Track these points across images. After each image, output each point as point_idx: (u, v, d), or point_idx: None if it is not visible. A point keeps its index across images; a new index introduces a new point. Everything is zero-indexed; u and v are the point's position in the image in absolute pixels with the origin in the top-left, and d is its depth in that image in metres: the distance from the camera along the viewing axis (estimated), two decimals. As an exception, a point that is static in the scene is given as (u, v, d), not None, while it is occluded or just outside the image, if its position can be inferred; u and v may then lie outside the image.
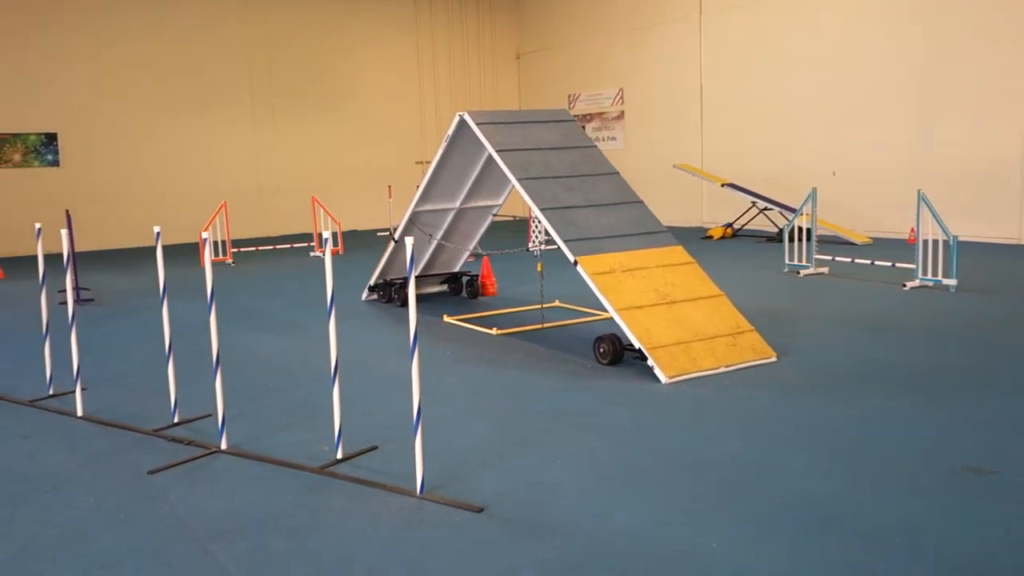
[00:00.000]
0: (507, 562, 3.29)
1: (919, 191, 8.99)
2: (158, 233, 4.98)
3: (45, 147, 15.79)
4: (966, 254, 10.08)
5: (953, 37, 12.72)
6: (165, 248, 5.12)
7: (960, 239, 8.91)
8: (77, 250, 10.28)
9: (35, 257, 5.66)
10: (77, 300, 9.20)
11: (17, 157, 15.57)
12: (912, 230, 11.78)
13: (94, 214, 15.57)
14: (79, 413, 5.30)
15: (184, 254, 13.48)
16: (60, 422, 5.25)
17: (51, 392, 5.78)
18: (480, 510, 3.75)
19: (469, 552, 3.37)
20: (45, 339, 5.79)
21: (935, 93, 13.01)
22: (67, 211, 9.46)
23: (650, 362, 5.79)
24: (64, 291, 5.78)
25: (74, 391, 5.37)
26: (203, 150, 17.09)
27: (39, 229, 5.65)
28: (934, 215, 8.71)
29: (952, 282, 8.72)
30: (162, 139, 16.69)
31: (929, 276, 8.95)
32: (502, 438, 4.72)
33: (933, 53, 12.95)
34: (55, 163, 15.88)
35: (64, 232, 5.47)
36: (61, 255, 5.61)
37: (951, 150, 12.85)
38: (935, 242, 8.88)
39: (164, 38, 16.58)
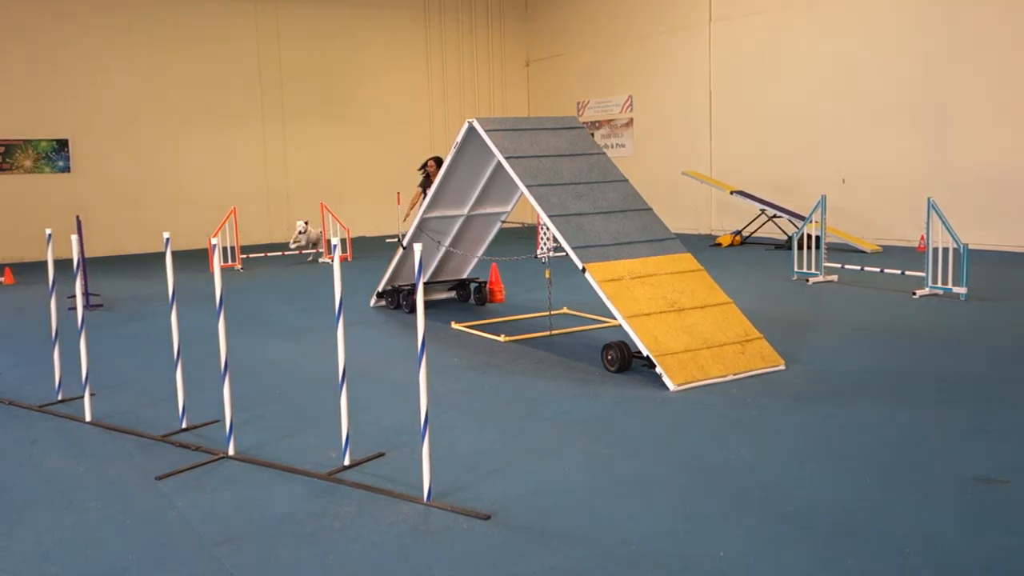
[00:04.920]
0: (514, 570, 3.27)
1: (929, 199, 8.95)
2: (167, 239, 4.99)
3: (56, 153, 15.89)
4: (977, 262, 10.03)
5: (963, 45, 12.67)
6: (174, 254, 5.13)
7: (971, 247, 8.86)
8: (87, 256, 10.33)
9: (45, 263, 5.68)
10: (87, 305, 9.24)
11: (28, 163, 15.67)
12: (922, 238, 11.73)
13: (104, 220, 15.65)
14: (87, 418, 5.32)
15: (193, 260, 13.52)
16: (69, 427, 5.27)
17: (60, 397, 5.80)
18: (487, 517, 3.73)
19: (476, 560, 3.36)
20: (54, 344, 5.81)
21: (946, 100, 12.96)
22: (77, 217, 9.50)
23: (658, 370, 5.77)
24: (74, 296, 5.80)
25: (83, 396, 5.38)
26: (213, 156, 17.17)
27: (49, 235, 5.68)
28: (944, 223, 8.66)
29: (962, 290, 8.67)
30: (172, 145, 16.78)
31: (939, 284, 8.90)
32: (510, 445, 4.71)
33: (943, 60, 12.90)
34: (66, 169, 15.97)
35: (74, 238, 5.49)
36: (71, 261, 5.63)
37: (962, 158, 12.80)
38: (945, 250, 8.84)
39: (174, 44, 16.68)
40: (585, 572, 3.24)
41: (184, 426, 5.08)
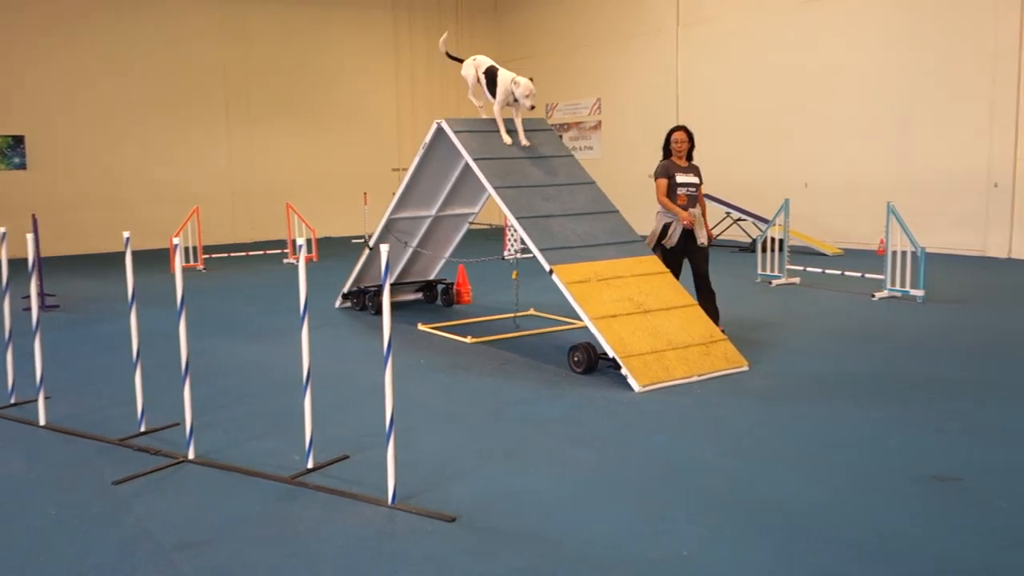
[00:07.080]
0: (480, 571, 3.25)
1: (888, 203, 9.11)
2: (127, 238, 4.90)
3: (11, 150, 15.53)
4: (934, 265, 10.23)
5: (923, 50, 12.93)
6: (134, 254, 5.03)
7: (928, 250, 9.03)
8: (43, 255, 10.10)
9: (-1, 262, 5.53)
10: (42, 306, 9.03)
11: (-17, 160, 15.30)
12: (881, 241, 11.93)
13: (61, 218, 15.32)
14: (42, 422, 5.19)
15: (154, 260, 13.30)
16: (22, 431, 5.14)
17: (13, 401, 5.65)
18: (453, 519, 3.71)
19: (441, 562, 3.34)
20: (7, 346, 5.67)
21: (905, 106, 13.21)
22: (33, 215, 9.28)
23: (624, 371, 5.79)
24: (28, 297, 5.66)
25: (37, 399, 5.26)
26: (175, 154, 16.91)
27: (3, 233, 5.53)
28: (903, 227, 8.82)
29: (920, 293, 8.83)
30: (133, 142, 16.49)
31: (898, 287, 9.06)
32: (476, 447, 4.69)
33: (903, 67, 13.15)
34: (22, 166, 15.61)
35: (30, 236, 5.36)
36: (26, 260, 5.49)
37: (920, 164, 13.05)
38: (904, 253, 9.00)
39: (136, 39, 16.40)
40: (551, 573, 3.23)
41: (143, 429, 4.98)
